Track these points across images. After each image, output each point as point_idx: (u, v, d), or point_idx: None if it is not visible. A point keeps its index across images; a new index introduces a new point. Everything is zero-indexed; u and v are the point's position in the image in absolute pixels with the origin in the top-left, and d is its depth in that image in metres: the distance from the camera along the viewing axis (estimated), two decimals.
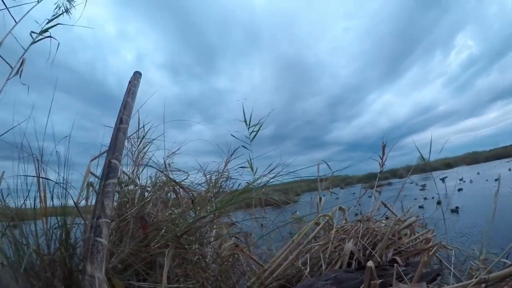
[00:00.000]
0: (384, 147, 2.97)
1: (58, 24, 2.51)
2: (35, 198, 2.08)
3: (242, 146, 2.75)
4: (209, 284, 2.05)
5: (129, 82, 1.88)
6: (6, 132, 2.01)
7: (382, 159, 3.01)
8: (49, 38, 2.47)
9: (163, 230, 2.00)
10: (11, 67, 2.32)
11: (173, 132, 2.64)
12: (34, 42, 2.42)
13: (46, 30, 2.46)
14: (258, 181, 2.46)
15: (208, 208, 2.23)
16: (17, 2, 2.31)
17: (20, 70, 2.32)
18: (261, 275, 2.17)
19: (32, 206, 2.06)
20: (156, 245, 1.94)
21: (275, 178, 2.33)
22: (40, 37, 2.45)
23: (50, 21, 2.51)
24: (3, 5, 2.23)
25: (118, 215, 2.13)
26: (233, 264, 2.31)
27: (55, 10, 2.59)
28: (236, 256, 2.33)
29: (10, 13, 2.27)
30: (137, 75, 1.92)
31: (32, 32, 2.44)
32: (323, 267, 2.14)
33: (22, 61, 2.35)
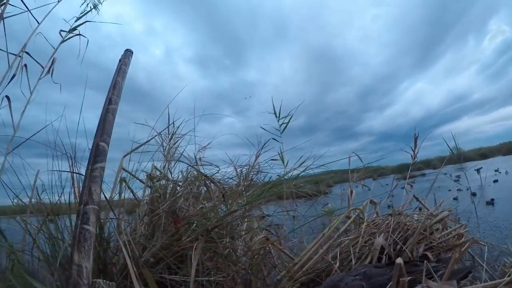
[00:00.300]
0: (416, 138, 2.94)
1: (87, 21, 2.57)
2: (69, 194, 2.15)
3: (273, 138, 2.76)
4: (240, 277, 2.07)
5: (119, 60, 1.84)
6: (39, 131, 2.08)
7: (414, 151, 2.98)
8: (78, 37, 2.54)
9: (194, 225, 2.04)
10: (42, 66, 2.39)
11: (204, 125, 2.68)
12: (64, 41, 2.49)
13: (75, 28, 2.52)
14: (290, 174, 2.48)
15: (239, 201, 2.26)
16: (40, 3, 2.37)
17: (51, 69, 2.39)
18: (291, 268, 2.18)
19: (67, 201, 2.14)
20: (188, 239, 1.96)
21: (306, 171, 2.35)
22: (70, 35, 2.51)
23: (78, 19, 2.56)
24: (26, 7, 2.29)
25: (151, 210, 2.19)
26: (264, 257, 2.33)
27: (83, 7, 2.64)
28: (266, 249, 2.34)
29: (31, 14, 2.33)
30: (128, 53, 1.88)
31: (61, 30, 2.50)
32: (353, 262, 2.14)
33: (53, 61, 2.42)
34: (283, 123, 2.77)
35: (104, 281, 1.07)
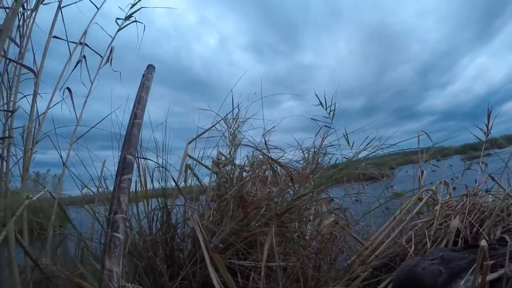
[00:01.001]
0: (489, 113, 2.86)
1: (142, 7, 2.61)
2: (135, 182, 2.23)
3: (325, 125, 2.74)
4: (309, 261, 2.08)
5: (143, 76, 1.90)
6: (102, 120, 2.14)
7: (487, 127, 2.91)
8: (129, 29, 2.59)
9: (263, 209, 2.04)
10: (101, 56, 2.45)
11: (264, 111, 2.69)
12: (120, 29, 2.54)
13: (130, 15, 2.57)
14: (356, 156, 2.47)
15: (307, 185, 2.26)
16: None
17: (110, 58, 2.45)
18: (362, 253, 2.17)
19: (134, 189, 2.20)
20: (257, 224, 1.99)
21: (374, 152, 2.33)
22: (126, 22, 2.56)
23: (133, 5, 2.60)
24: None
25: (218, 196, 2.22)
26: (333, 242, 2.32)
27: None
28: (334, 233, 2.33)
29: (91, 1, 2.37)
30: (150, 68, 1.93)
31: (117, 18, 2.55)
32: (428, 245, 2.08)
33: (111, 49, 2.48)
34: (330, 111, 2.75)
35: (133, 285, 1.19)
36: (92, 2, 2.40)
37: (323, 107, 2.83)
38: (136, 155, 1.81)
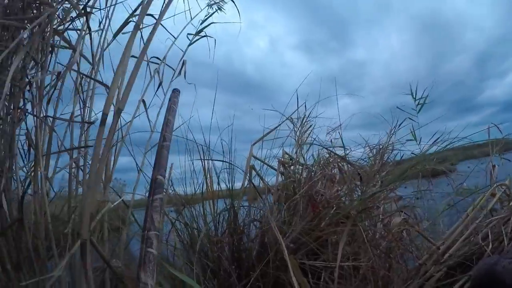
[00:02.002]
0: None
1: (212, 23, 2.73)
2: (202, 185, 2.34)
3: (409, 118, 2.74)
4: (380, 261, 2.07)
5: (169, 100, 1.97)
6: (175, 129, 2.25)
7: None
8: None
9: (334, 209, 2.07)
10: (173, 69, 2.56)
11: (320, 110, 2.73)
12: (191, 43, 2.66)
13: (201, 31, 2.69)
14: (426, 151, 2.48)
15: (375, 183, 2.29)
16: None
17: (183, 71, 2.57)
18: (434, 252, 2.16)
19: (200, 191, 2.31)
20: (328, 224, 2.02)
21: (443, 146, 2.34)
22: (197, 37, 2.68)
23: (203, 21, 2.72)
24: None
25: (287, 196, 2.27)
26: (403, 241, 2.32)
27: (207, 10, 2.79)
28: (403, 232, 2.33)
29: (163, 26, 2.48)
30: (176, 92, 2.00)
31: (188, 34, 2.66)
32: (505, 243, 2.05)
33: (183, 63, 2.59)
34: (419, 103, 2.74)
35: None
36: (166, 30, 2.53)
37: (413, 97, 2.82)
38: (204, 157, 1.90)
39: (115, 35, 2.19)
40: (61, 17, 2.12)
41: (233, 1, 2.76)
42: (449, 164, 3.07)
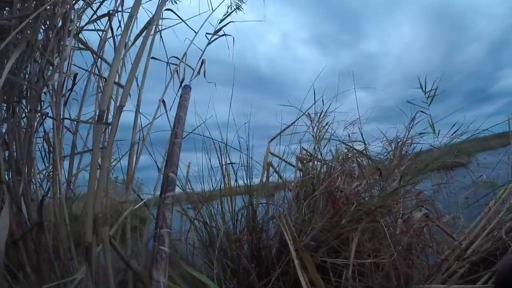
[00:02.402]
0: None
1: (231, 22, 2.77)
2: (219, 182, 2.39)
3: (420, 111, 2.74)
4: (401, 257, 2.05)
5: (180, 96, 1.97)
6: (192, 131, 2.27)
7: None
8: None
9: (354, 205, 2.06)
10: (192, 69, 2.59)
11: (334, 104, 2.74)
12: (210, 43, 2.70)
13: (219, 30, 2.72)
14: (441, 143, 2.48)
15: (394, 177, 2.28)
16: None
17: (203, 71, 2.61)
18: (457, 247, 2.16)
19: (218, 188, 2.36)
20: (349, 221, 2.01)
21: (468, 138, 2.36)
22: (215, 36, 2.72)
23: (221, 20, 2.75)
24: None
25: (306, 193, 2.27)
26: (424, 236, 2.31)
27: (227, 9, 2.85)
28: (425, 227, 2.30)
29: (186, 24, 2.53)
30: (187, 89, 2.02)
31: (207, 33, 2.70)
32: None
33: (202, 62, 2.63)
34: (429, 96, 2.74)
35: None
36: (189, 27, 2.58)
37: (422, 90, 2.81)
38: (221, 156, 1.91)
39: (135, 39, 2.21)
40: (76, 16, 2.14)
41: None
42: (467, 155, 3.06)
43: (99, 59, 2.28)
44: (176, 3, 2.57)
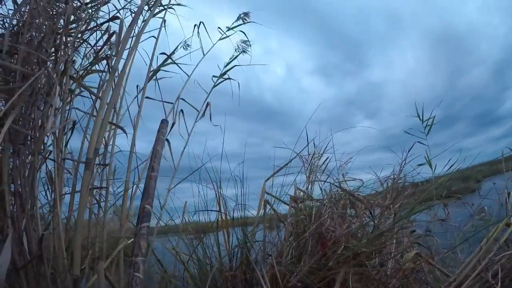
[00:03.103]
0: None
1: (235, 66, 2.89)
2: (216, 215, 2.52)
3: (418, 142, 2.76)
4: None
5: (158, 131, 2.07)
6: (193, 173, 2.39)
7: None
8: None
9: (342, 247, 2.10)
10: (197, 110, 2.73)
11: (339, 134, 2.79)
12: (215, 85, 2.82)
13: (225, 73, 2.84)
14: (437, 175, 2.51)
15: (388, 217, 2.33)
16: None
17: (209, 113, 2.74)
18: None
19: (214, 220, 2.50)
20: (335, 263, 2.06)
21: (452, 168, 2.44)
22: (220, 79, 2.84)
23: (227, 64, 2.87)
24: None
25: (297, 233, 2.34)
26: (415, 276, 2.32)
27: (234, 53, 2.98)
28: (418, 266, 2.28)
29: (186, 74, 2.68)
30: (164, 123, 2.11)
31: (213, 76, 2.83)
32: None
33: (207, 104, 2.76)
34: (427, 125, 2.78)
35: None
36: (188, 75, 2.76)
37: (420, 119, 2.86)
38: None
39: (142, 90, 2.33)
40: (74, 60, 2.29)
41: (246, 35, 2.90)
42: (474, 181, 3.07)
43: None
44: (188, 48, 2.71)
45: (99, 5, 2.39)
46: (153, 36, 2.55)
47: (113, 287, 2.09)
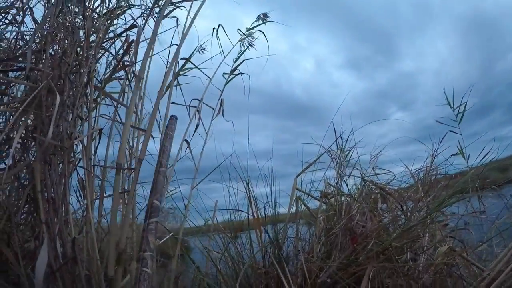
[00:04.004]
0: None
1: (245, 60, 2.93)
2: (247, 214, 2.59)
3: (450, 131, 2.74)
4: None
5: (166, 127, 2.15)
6: (215, 168, 2.47)
7: None
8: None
9: (372, 242, 2.12)
10: (213, 109, 2.80)
11: (372, 128, 2.80)
12: (227, 82, 2.89)
13: (235, 69, 2.90)
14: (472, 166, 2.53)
15: (420, 210, 2.34)
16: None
17: (221, 110, 2.80)
18: (478, 284, 2.07)
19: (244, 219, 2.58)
20: (366, 258, 2.07)
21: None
22: (231, 76, 2.90)
23: (236, 59, 2.93)
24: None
25: (327, 229, 2.39)
26: (449, 271, 2.29)
27: (241, 48, 3.05)
28: (451, 261, 2.26)
29: (204, 73, 2.76)
30: (173, 119, 2.15)
31: (224, 73, 2.89)
32: None
33: (221, 102, 2.83)
34: (459, 113, 2.76)
35: None
36: (205, 74, 2.89)
37: (450, 107, 2.82)
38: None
39: (159, 93, 2.42)
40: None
41: (265, 35, 2.93)
42: None
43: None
44: (203, 52, 2.80)
45: (117, 16, 2.49)
46: (175, 44, 2.60)
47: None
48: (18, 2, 2.19)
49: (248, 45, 3.03)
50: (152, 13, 2.46)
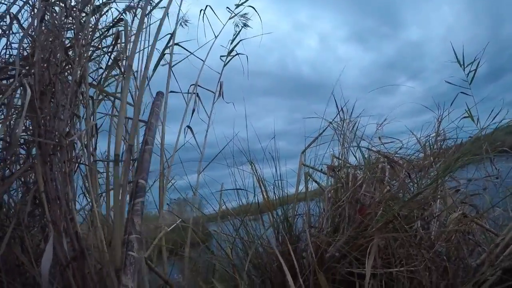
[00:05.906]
0: None
1: (241, 40, 2.98)
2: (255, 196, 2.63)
3: (461, 92, 2.73)
4: (434, 264, 2.07)
5: (152, 103, 2.18)
6: (220, 151, 2.57)
7: None
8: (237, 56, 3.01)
9: (380, 212, 2.12)
10: (212, 92, 2.89)
11: (382, 99, 2.82)
12: (225, 64, 2.96)
13: (232, 50, 2.97)
14: (483, 131, 2.50)
15: (429, 177, 2.33)
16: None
17: (221, 92, 2.89)
18: (493, 250, 2.06)
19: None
20: (374, 229, 2.06)
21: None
22: (229, 57, 2.96)
23: (232, 41, 2.99)
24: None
25: (334, 202, 2.41)
26: (463, 237, 2.25)
27: (235, 28, 3.10)
28: (463, 228, 2.24)
29: (195, 55, 2.82)
30: (159, 95, 2.18)
31: (221, 56, 2.96)
32: None
33: (220, 84, 2.92)
34: (470, 71, 2.70)
35: None
36: (197, 57, 2.99)
37: (460, 66, 2.75)
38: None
39: (150, 77, 2.50)
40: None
41: (258, 13, 2.97)
42: None
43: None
44: (186, 25, 2.86)
45: (104, 12, 2.57)
46: (169, 33, 2.67)
47: (156, 273, 2.31)
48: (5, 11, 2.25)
49: (242, 25, 3.07)
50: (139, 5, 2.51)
